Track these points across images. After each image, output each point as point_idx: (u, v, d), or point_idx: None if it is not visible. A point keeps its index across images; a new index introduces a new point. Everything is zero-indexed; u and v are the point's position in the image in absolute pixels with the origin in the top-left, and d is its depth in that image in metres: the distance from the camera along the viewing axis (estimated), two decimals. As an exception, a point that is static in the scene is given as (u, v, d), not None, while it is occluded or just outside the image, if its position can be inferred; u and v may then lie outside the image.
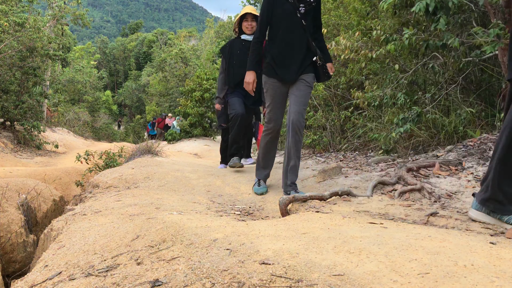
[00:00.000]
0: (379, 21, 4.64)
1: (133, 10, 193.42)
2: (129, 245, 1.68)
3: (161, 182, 3.81)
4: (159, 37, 50.86)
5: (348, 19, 6.32)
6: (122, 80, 55.98)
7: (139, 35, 60.19)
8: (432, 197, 2.48)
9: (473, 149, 3.15)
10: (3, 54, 10.10)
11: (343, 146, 5.40)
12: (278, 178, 3.89)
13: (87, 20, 20.66)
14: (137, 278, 1.29)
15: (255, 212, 2.79)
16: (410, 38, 3.35)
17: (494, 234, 1.78)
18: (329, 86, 6.18)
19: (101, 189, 3.83)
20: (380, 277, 1.13)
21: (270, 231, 1.66)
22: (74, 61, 29.25)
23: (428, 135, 3.84)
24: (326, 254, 1.33)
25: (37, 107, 11.95)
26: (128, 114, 44.28)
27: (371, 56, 3.88)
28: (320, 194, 2.54)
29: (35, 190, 4.38)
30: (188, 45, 30.58)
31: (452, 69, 3.88)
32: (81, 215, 2.55)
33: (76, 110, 22.44)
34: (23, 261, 3.67)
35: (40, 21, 12.61)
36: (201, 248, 1.48)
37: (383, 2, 3.40)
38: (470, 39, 3.22)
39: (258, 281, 1.14)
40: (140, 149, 6.38)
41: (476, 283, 1.08)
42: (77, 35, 74.06)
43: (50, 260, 1.75)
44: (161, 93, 26.93)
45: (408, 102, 4.08)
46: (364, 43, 4.32)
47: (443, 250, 1.34)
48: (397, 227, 1.76)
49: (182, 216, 2.12)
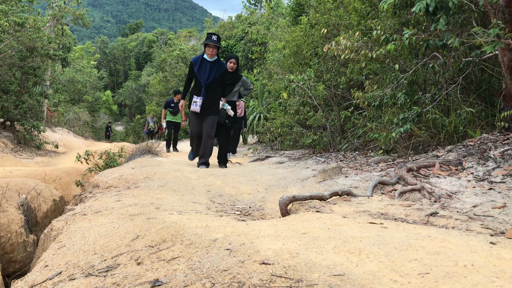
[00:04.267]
0: (379, 21, 4.64)
1: (133, 10, 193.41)
2: (129, 245, 1.68)
3: (161, 182, 3.81)
4: (159, 37, 50.89)
5: (348, 19, 6.33)
6: (122, 80, 56.01)
7: (139, 35, 60.24)
8: (432, 197, 2.48)
9: (473, 149, 3.15)
10: (3, 54, 10.10)
11: (343, 146, 5.40)
12: (278, 178, 3.89)
13: (87, 20, 20.69)
14: (137, 278, 1.29)
15: (255, 212, 2.79)
16: (410, 38, 3.35)
17: (494, 234, 1.78)
18: (329, 86, 6.19)
19: (101, 189, 3.83)
20: (380, 277, 1.13)
21: (270, 231, 1.66)
22: (74, 61, 29.27)
23: (428, 135, 3.84)
24: (326, 254, 1.33)
25: (37, 107, 11.95)
26: (128, 114, 44.30)
27: (371, 56, 3.88)
28: (320, 194, 2.54)
29: (35, 190, 4.38)
30: (188, 45, 30.58)
31: (452, 69, 3.88)
32: (81, 215, 2.55)
33: (76, 110, 22.45)
34: (23, 261, 3.67)
35: (40, 21, 12.60)
36: (201, 248, 1.48)
37: (383, 2, 3.40)
38: (470, 39, 3.21)
39: (258, 281, 1.14)
40: (140, 149, 6.39)
41: (476, 283, 1.08)
42: (77, 35, 73.99)
43: (50, 260, 1.75)
44: (161, 93, 26.95)
45: (408, 102, 4.08)
46: (364, 43, 4.32)
47: (443, 250, 1.34)
48: (397, 227, 1.76)
49: (182, 216, 2.12)
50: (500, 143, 3.04)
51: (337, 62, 6.26)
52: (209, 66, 5.12)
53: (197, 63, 5.16)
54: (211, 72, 5.12)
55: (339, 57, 4.32)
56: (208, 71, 5.11)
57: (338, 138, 5.62)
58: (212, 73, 5.13)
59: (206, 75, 5.10)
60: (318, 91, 5.75)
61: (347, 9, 6.49)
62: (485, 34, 2.91)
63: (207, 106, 5.22)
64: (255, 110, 10.66)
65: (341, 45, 4.10)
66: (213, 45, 5.07)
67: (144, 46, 54.15)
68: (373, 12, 5.31)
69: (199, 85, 5.15)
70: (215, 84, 5.20)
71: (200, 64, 5.14)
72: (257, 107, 10.59)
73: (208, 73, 5.10)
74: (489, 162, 2.82)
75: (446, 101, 3.97)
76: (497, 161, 2.78)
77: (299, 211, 2.45)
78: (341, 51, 4.11)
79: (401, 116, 3.91)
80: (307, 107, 5.93)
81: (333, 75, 6.23)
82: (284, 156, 6.05)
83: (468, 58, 3.64)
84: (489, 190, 2.42)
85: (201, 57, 5.18)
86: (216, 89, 5.26)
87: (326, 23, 6.61)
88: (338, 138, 5.63)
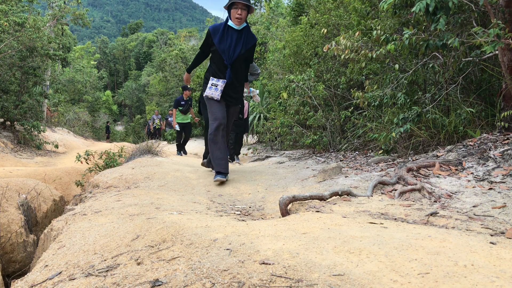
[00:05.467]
0: (379, 21, 4.64)
1: (133, 10, 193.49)
2: (129, 245, 1.68)
3: (161, 182, 3.81)
4: (159, 37, 50.91)
5: (348, 19, 6.33)
6: (122, 80, 56.06)
7: (139, 35, 60.31)
8: (432, 197, 2.48)
9: (473, 149, 3.15)
10: (3, 54, 10.10)
11: (343, 146, 5.40)
12: (278, 178, 3.89)
13: (87, 20, 20.68)
14: (137, 278, 1.29)
15: (255, 212, 2.79)
16: (410, 38, 3.35)
17: (494, 234, 1.78)
18: (329, 86, 6.19)
19: (101, 189, 3.83)
20: (380, 277, 1.13)
21: (270, 231, 1.66)
22: (74, 61, 29.28)
23: (428, 135, 3.84)
24: (326, 254, 1.33)
25: (37, 107, 11.96)
26: (128, 114, 44.31)
27: (371, 56, 3.88)
28: (320, 194, 2.54)
29: (35, 190, 4.38)
30: (188, 45, 30.60)
31: (452, 69, 3.89)
32: (81, 215, 2.55)
33: (76, 110, 22.45)
34: (23, 261, 3.67)
35: (40, 21, 12.61)
36: (201, 248, 1.48)
37: (383, 2, 3.41)
38: (470, 39, 3.22)
39: (258, 281, 1.14)
40: (140, 149, 6.39)
41: (476, 283, 1.08)
42: (77, 35, 74.08)
43: (50, 260, 1.75)
44: (161, 93, 26.98)
45: (408, 102, 4.09)
46: (364, 43, 4.32)
47: (443, 250, 1.34)
48: (397, 227, 1.76)
49: (182, 216, 2.12)
50: (500, 143, 3.04)
51: (337, 62, 6.26)
52: (236, 37, 3.71)
53: (218, 32, 3.72)
54: (237, 45, 3.72)
55: (339, 57, 4.32)
56: (234, 43, 3.71)
57: (338, 138, 5.63)
58: (239, 46, 3.73)
59: (231, 49, 3.71)
60: (318, 91, 5.75)
61: (347, 9, 6.49)
62: (485, 34, 2.91)
63: (231, 91, 3.85)
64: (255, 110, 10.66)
65: (341, 45, 4.10)
66: (242, 5, 3.61)
67: (144, 46, 54.22)
68: (373, 12, 5.32)
69: (221, 63, 3.77)
70: (241, 61, 3.84)
71: (223, 33, 3.71)
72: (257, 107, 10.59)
73: (233, 47, 3.71)
74: (489, 162, 2.82)
75: (446, 101, 3.97)
76: (497, 161, 2.78)
77: (299, 211, 2.45)
78: (341, 51, 4.11)
79: (401, 116, 3.91)
80: (307, 107, 5.93)
81: (333, 75, 6.23)
82: (284, 156, 6.05)
83: (468, 58, 3.65)
84: (489, 190, 2.42)
85: (224, 24, 3.73)
86: (243, 69, 3.92)
87: (326, 23, 6.61)
88: (338, 138, 5.63)
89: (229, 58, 3.72)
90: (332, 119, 5.72)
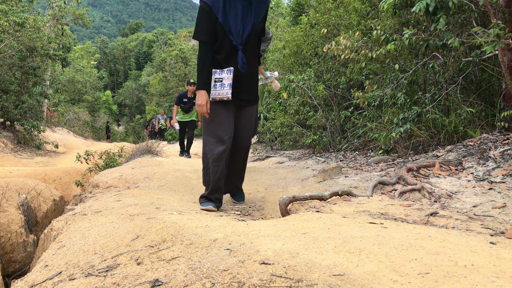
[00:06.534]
0: (379, 21, 4.64)
1: (133, 10, 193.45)
2: (129, 245, 1.68)
3: (161, 182, 3.81)
4: (159, 37, 50.90)
5: (348, 19, 6.33)
6: (122, 80, 56.07)
7: (139, 35, 60.29)
8: (432, 197, 2.48)
9: (473, 149, 3.15)
10: (3, 54, 10.10)
11: (343, 146, 5.40)
12: (278, 178, 3.89)
13: (87, 20, 20.70)
14: (137, 278, 1.29)
15: (255, 212, 2.79)
16: (410, 38, 3.35)
17: (494, 234, 1.78)
18: (329, 86, 6.19)
19: (101, 189, 3.84)
20: (380, 277, 1.13)
21: (270, 231, 1.66)
22: (74, 61, 29.27)
23: (428, 135, 3.84)
24: (326, 254, 1.33)
25: (37, 107, 11.97)
26: (128, 114, 44.30)
27: (371, 56, 3.88)
28: (320, 194, 2.54)
29: (35, 190, 4.38)
30: (188, 45, 30.61)
31: (452, 69, 3.88)
32: (81, 215, 2.55)
33: (76, 110, 22.46)
34: (23, 261, 3.67)
35: (40, 21, 12.60)
36: (201, 248, 1.48)
37: (383, 2, 3.40)
38: (470, 39, 3.21)
39: (258, 281, 1.14)
40: (140, 149, 6.39)
41: (476, 283, 1.08)
42: (77, 35, 74.07)
43: (50, 260, 1.75)
44: (161, 93, 26.98)
45: (408, 102, 4.09)
46: (364, 43, 4.32)
47: (443, 250, 1.34)
48: (397, 227, 1.76)
49: (182, 216, 2.12)
50: (500, 143, 3.04)
51: (337, 62, 6.26)
52: (241, 5, 2.62)
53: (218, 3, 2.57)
54: (246, 17, 2.64)
55: (339, 57, 4.32)
56: (241, 15, 2.62)
57: (338, 138, 5.62)
58: (249, 17, 2.64)
59: (239, 23, 2.61)
60: (318, 91, 5.75)
61: (347, 9, 6.49)
62: (485, 34, 2.91)
63: (244, 85, 2.75)
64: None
65: (341, 45, 4.10)
66: None
67: (144, 46, 54.21)
68: (373, 12, 5.31)
69: (227, 46, 2.66)
70: (254, 37, 2.74)
71: (224, 5, 2.58)
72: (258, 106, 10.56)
73: (241, 20, 2.62)
74: (489, 162, 2.82)
75: (446, 101, 3.97)
76: (497, 161, 2.78)
77: (299, 211, 2.45)
78: (341, 51, 4.11)
79: (401, 116, 3.91)
80: (307, 107, 5.93)
81: (333, 75, 6.23)
82: (284, 156, 6.05)
83: (468, 58, 3.64)
84: (489, 190, 2.42)
85: None
86: (256, 48, 2.83)
87: (326, 23, 6.61)
88: (338, 138, 5.63)
89: (239, 36, 2.61)
90: (332, 119, 5.72)
